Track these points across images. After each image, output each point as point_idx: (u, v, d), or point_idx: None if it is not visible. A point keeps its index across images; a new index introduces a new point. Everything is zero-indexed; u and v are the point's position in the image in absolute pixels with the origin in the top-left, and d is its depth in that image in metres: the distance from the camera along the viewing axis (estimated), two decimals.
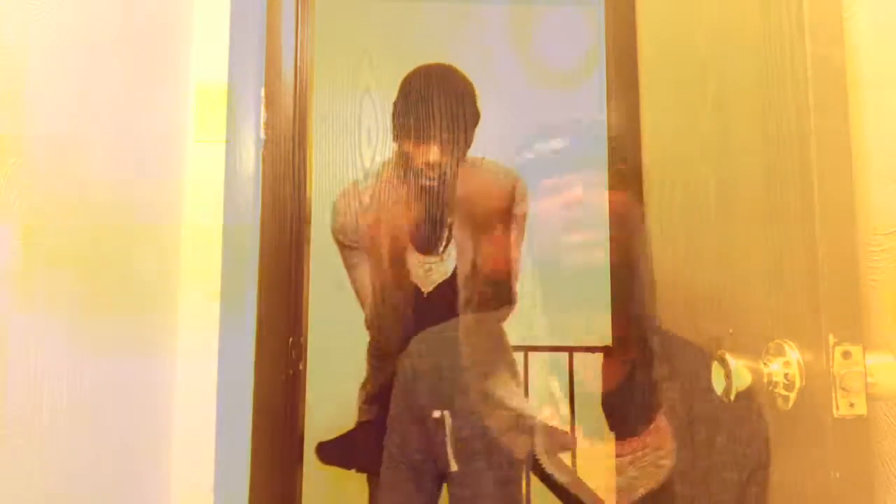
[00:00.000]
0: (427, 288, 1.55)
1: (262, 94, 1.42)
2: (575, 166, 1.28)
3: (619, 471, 1.07)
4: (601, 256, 1.20)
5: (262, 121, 1.42)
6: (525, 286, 1.53)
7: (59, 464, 0.88)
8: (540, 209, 1.35)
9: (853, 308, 0.55)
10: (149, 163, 1.17)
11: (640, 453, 1.06)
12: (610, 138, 1.55)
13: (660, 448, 1.04)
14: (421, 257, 1.55)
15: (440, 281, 1.55)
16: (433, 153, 1.43)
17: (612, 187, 1.50)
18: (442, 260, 1.54)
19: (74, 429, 0.92)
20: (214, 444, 1.25)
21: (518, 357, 1.58)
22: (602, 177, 1.28)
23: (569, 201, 1.26)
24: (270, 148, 1.43)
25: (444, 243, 1.56)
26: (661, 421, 1.06)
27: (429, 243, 1.58)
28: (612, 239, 1.24)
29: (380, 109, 1.85)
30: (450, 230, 1.54)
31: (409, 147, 1.49)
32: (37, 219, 0.82)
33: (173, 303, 1.25)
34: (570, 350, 1.87)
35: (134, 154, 1.10)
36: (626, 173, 1.47)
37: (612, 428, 1.14)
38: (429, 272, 1.55)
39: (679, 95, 1.06)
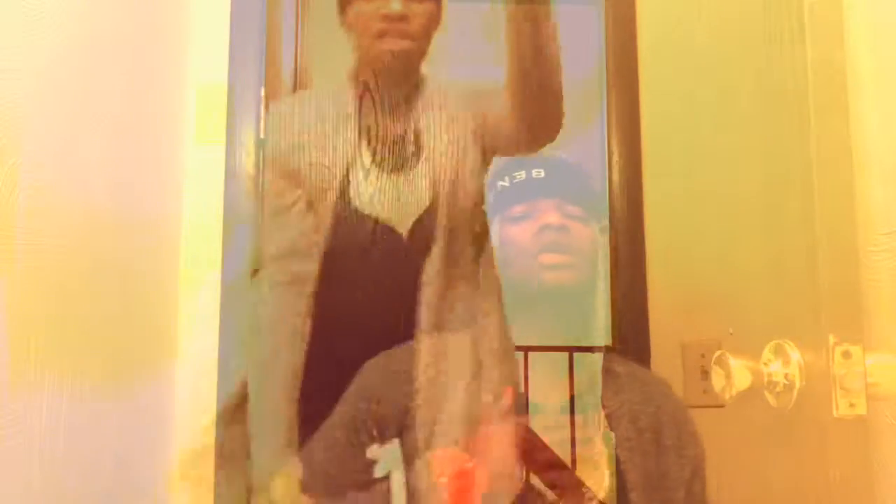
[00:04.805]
0: (403, 228, 1.11)
1: (262, 94, 1.42)
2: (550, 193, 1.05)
3: None
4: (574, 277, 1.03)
5: (262, 121, 1.42)
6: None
7: (58, 470, 0.88)
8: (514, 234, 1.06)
9: (853, 308, 0.56)
10: (149, 163, 1.17)
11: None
12: (609, 140, 1.55)
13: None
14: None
15: (418, 215, 1.10)
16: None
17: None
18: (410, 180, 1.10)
19: (73, 434, 0.92)
20: (214, 445, 1.25)
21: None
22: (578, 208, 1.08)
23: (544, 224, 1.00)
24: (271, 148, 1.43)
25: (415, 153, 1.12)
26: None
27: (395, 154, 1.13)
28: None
29: (379, 107, 1.84)
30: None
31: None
32: (36, 219, 0.82)
33: (173, 303, 1.26)
34: (570, 350, 1.86)
35: (134, 154, 1.10)
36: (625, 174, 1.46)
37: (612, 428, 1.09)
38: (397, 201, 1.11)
39: (679, 95, 1.06)
